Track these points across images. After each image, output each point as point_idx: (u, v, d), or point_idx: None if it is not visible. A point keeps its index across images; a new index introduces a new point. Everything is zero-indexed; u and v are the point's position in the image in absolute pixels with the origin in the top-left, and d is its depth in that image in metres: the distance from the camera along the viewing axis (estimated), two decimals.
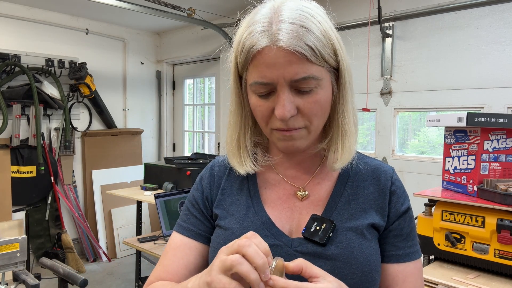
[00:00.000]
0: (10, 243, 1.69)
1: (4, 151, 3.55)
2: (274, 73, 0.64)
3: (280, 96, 0.65)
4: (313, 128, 0.70)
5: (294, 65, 0.63)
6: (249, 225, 0.74)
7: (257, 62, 0.65)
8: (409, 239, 0.76)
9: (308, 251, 0.70)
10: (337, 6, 3.28)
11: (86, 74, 3.89)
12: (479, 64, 2.57)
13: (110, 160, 4.36)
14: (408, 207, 0.78)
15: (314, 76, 0.65)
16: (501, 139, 1.41)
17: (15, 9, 3.64)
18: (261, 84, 0.66)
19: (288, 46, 0.62)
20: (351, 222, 0.73)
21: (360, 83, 3.14)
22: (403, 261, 0.75)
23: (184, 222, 0.82)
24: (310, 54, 0.64)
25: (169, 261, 0.79)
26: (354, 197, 0.76)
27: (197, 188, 0.84)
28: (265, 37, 0.64)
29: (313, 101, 0.67)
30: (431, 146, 3.02)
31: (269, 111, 0.68)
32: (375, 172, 0.79)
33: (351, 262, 0.69)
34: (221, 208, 0.79)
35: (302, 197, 0.77)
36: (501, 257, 1.25)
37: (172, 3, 3.35)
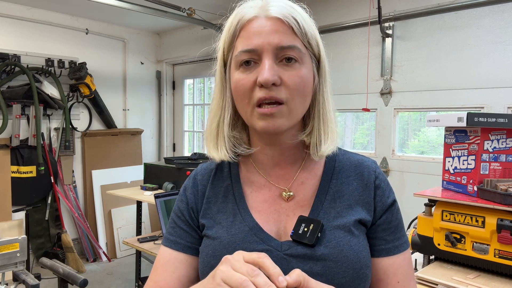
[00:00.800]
0: (10, 243, 1.69)
1: (4, 151, 3.55)
2: (260, 39, 0.67)
3: (264, 62, 0.67)
4: (294, 106, 0.69)
5: (280, 33, 0.67)
6: (236, 232, 0.73)
7: (244, 33, 0.69)
8: (397, 232, 0.77)
9: (298, 254, 0.70)
10: (337, 6, 3.28)
11: (86, 74, 3.89)
12: (479, 64, 2.57)
13: (110, 160, 4.36)
14: (393, 200, 0.78)
15: (298, 47, 0.68)
16: (501, 139, 1.41)
17: (15, 9, 3.64)
18: (247, 52, 0.68)
19: (276, 14, 0.67)
20: (338, 220, 0.73)
21: (360, 83, 3.14)
22: (393, 253, 0.75)
23: (171, 236, 0.80)
24: (296, 27, 0.68)
25: (160, 276, 0.77)
26: (339, 194, 0.76)
27: (182, 199, 0.82)
28: (254, 10, 0.69)
29: (296, 75, 0.68)
30: (431, 146, 3.02)
31: (252, 83, 0.68)
32: (358, 167, 0.79)
33: (342, 260, 0.69)
34: (208, 218, 0.78)
35: (288, 198, 0.76)
36: (501, 257, 1.25)
37: (172, 3, 3.35)
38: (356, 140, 3.46)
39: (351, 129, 3.48)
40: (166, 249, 0.79)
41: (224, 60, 0.75)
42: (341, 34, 3.26)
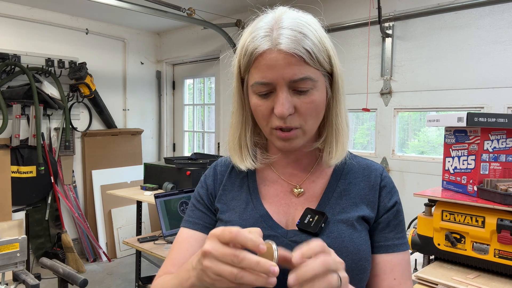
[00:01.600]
0: (10, 243, 1.69)
1: (4, 151, 3.55)
2: (274, 74, 0.70)
3: (279, 95, 0.71)
4: (308, 128, 0.75)
5: (292, 66, 0.70)
6: (248, 217, 0.80)
7: (259, 64, 0.71)
8: (397, 231, 0.81)
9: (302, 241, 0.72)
10: (337, 6, 3.28)
11: (86, 74, 3.89)
12: (479, 64, 2.57)
13: (110, 160, 4.36)
14: (396, 201, 0.84)
15: (310, 77, 0.71)
16: (501, 139, 1.41)
17: (15, 9, 3.64)
18: (262, 84, 0.72)
19: (287, 49, 0.69)
20: (342, 215, 0.78)
21: (360, 83, 3.14)
22: (391, 251, 0.79)
23: (190, 217, 0.87)
24: (307, 57, 0.70)
25: (175, 254, 0.83)
26: (346, 192, 0.81)
27: (202, 186, 0.90)
28: (267, 41, 0.70)
29: (309, 101, 0.72)
30: (431, 146, 3.02)
31: (269, 110, 0.73)
32: (366, 170, 0.85)
33: (342, 250, 0.73)
34: (222, 203, 0.85)
35: (298, 194, 0.82)
36: (501, 257, 1.25)
37: (172, 3, 3.35)
38: (356, 140, 3.46)
39: (351, 129, 3.48)
40: (185, 229, 0.85)
41: (241, 77, 0.78)
42: (341, 34, 3.26)
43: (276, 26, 0.71)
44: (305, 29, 0.72)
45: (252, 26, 0.75)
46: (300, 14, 0.76)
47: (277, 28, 0.71)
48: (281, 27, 0.71)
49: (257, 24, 0.74)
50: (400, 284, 0.78)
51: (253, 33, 0.73)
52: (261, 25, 0.73)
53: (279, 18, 0.73)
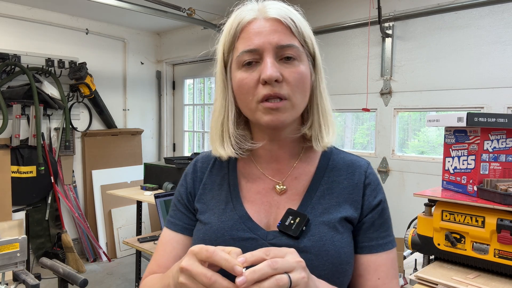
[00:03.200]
0: (10, 243, 1.69)
1: (4, 151, 3.55)
2: (261, 39, 0.71)
3: (266, 60, 0.71)
4: (296, 101, 0.74)
5: (279, 33, 0.72)
6: (227, 219, 0.78)
7: (245, 34, 0.73)
8: (382, 230, 0.79)
9: (281, 244, 0.72)
10: (337, 6, 3.28)
11: (86, 74, 3.89)
12: (479, 64, 2.57)
13: (110, 160, 4.36)
14: (381, 200, 0.80)
15: (296, 46, 0.73)
16: (501, 139, 1.41)
17: (15, 9, 3.64)
18: (248, 52, 0.72)
19: (275, 15, 0.72)
20: (325, 216, 0.76)
21: (360, 83, 3.14)
22: (375, 251, 0.77)
23: (172, 218, 0.87)
24: (294, 27, 0.73)
25: (160, 255, 0.84)
26: (329, 191, 0.79)
27: (182, 184, 0.88)
28: (253, 12, 0.74)
29: (296, 72, 0.73)
30: (431, 146, 3.02)
31: (255, 81, 0.72)
32: (350, 167, 0.82)
33: (322, 254, 0.72)
34: (202, 202, 0.83)
35: (281, 191, 0.80)
36: (501, 257, 1.25)
37: (172, 3, 3.35)
38: (356, 140, 3.46)
39: (351, 129, 3.48)
40: (167, 230, 0.86)
41: (224, 62, 0.78)
42: (341, 34, 3.26)
43: (261, 4, 0.75)
44: (290, 8, 0.76)
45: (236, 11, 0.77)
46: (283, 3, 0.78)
47: (263, 5, 0.74)
48: (266, 4, 0.75)
49: (241, 8, 0.77)
50: (385, 284, 0.77)
51: (238, 15, 0.75)
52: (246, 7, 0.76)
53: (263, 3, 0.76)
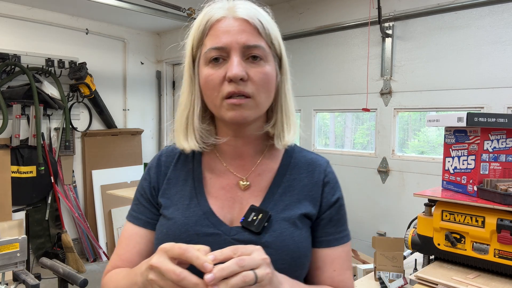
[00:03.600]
0: (10, 243, 1.69)
1: (4, 151, 3.55)
2: (228, 38, 0.73)
3: (233, 58, 0.73)
4: (259, 100, 0.76)
5: (247, 33, 0.73)
6: (191, 215, 0.79)
7: (214, 31, 0.75)
8: (338, 225, 0.84)
9: (244, 239, 0.76)
10: (337, 6, 3.28)
11: (86, 74, 3.89)
12: (479, 64, 2.57)
13: (110, 160, 4.36)
14: (338, 197, 0.85)
15: (263, 47, 0.75)
16: (501, 139, 1.41)
17: (15, 9, 3.64)
18: (216, 49, 0.74)
19: (243, 15, 0.73)
20: (286, 213, 0.80)
21: (360, 83, 3.14)
22: (332, 245, 0.83)
23: (134, 212, 0.87)
24: (261, 28, 0.74)
25: (123, 250, 0.85)
26: (290, 189, 0.83)
27: (145, 178, 0.89)
28: (222, 10, 0.75)
29: (262, 71, 0.75)
30: (431, 146, 3.02)
31: (221, 78, 0.74)
32: (310, 165, 0.86)
33: (282, 249, 0.76)
34: (166, 197, 0.84)
35: (244, 187, 0.83)
36: (501, 257, 1.25)
37: (172, 3, 3.35)
38: (356, 140, 3.46)
39: (351, 129, 3.49)
40: (129, 224, 0.87)
41: (192, 56, 0.81)
42: (341, 34, 3.26)
43: (231, 3, 0.76)
44: (259, 9, 0.77)
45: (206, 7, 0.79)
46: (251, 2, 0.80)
47: (233, 4, 0.76)
48: (235, 5, 0.76)
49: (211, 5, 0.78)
50: (340, 274, 0.82)
51: (208, 12, 0.77)
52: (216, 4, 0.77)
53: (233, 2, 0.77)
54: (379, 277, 1.50)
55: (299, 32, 3.51)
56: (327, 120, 3.63)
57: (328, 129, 3.64)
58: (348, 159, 3.26)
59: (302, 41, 3.53)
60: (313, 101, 3.48)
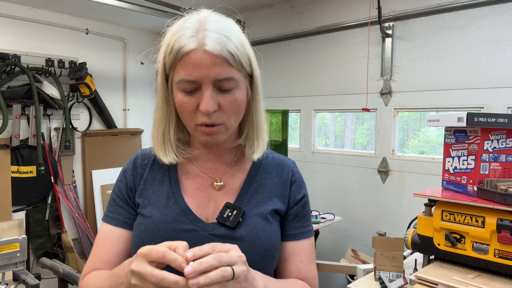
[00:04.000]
0: (10, 243, 1.69)
1: (4, 151, 3.55)
2: (200, 72, 0.74)
3: (204, 93, 0.75)
4: (230, 124, 0.81)
5: (217, 67, 0.74)
6: (169, 213, 0.83)
7: (185, 62, 0.75)
8: (304, 221, 0.92)
9: (220, 234, 0.81)
10: (337, 6, 3.28)
11: (86, 74, 3.89)
12: (479, 64, 2.57)
13: (110, 160, 4.36)
14: (304, 195, 0.93)
15: (234, 77, 0.77)
16: (501, 139, 1.41)
17: (15, 9, 3.64)
18: (187, 82, 0.76)
19: (213, 50, 0.73)
20: (258, 209, 0.86)
21: (360, 83, 3.14)
22: (298, 238, 0.90)
23: (111, 213, 0.89)
24: (231, 59, 0.75)
25: (100, 251, 0.86)
26: (261, 187, 0.89)
27: (121, 180, 0.92)
28: (193, 41, 0.74)
29: (232, 100, 0.78)
30: (431, 146, 3.02)
31: (194, 107, 0.77)
32: (279, 166, 0.94)
33: (255, 242, 0.82)
34: (143, 197, 0.88)
35: (218, 187, 0.88)
36: (501, 257, 1.25)
37: (172, 3, 3.35)
38: (356, 140, 3.46)
39: (351, 129, 3.49)
40: (106, 225, 0.89)
41: (165, 74, 0.82)
42: (341, 34, 3.26)
43: (201, 28, 0.75)
44: (229, 33, 0.76)
45: (177, 26, 0.78)
46: (223, 18, 0.80)
47: (203, 30, 0.74)
48: (206, 29, 0.74)
49: (182, 24, 0.77)
50: (306, 266, 0.89)
51: (179, 32, 0.76)
52: (187, 26, 0.76)
53: (204, 20, 0.76)
54: (379, 277, 1.50)
55: (299, 32, 3.52)
56: (327, 120, 3.63)
57: (328, 129, 3.64)
58: (348, 159, 3.26)
59: (302, 41, 3.53)
60: (313, 101, 3.48)
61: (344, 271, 2.85)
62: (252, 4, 3.73)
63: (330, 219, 2.87)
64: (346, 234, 3.27)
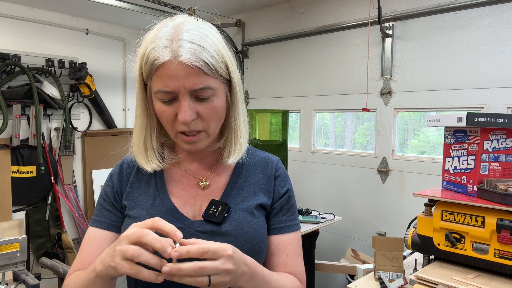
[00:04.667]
0: (10, 243, 1.69)
1: (4, 151, 3.55)
2: (175, 83, 0.75)
3: (182, 103, 0.76)
4: (211, 131, 0.82)
5: (193, 77, 0.74)
6: (155, 212, 0.85)
7: (160, 73, 0.76)
8: (289, 214, 0.93)
9: (207, 230, 0.83)
10: (337, 6, 3.28)
11: (86, 74, 3.89)
12: (479, 64, 2.57)
13: (110, 160, 4.35)
14: (288, 189, 0.95)
15: (210, 86, 0.77)
16: (501, 139, 1.41)
17: (15, 9, 3.64)
18: (164, 93, 0.77)
19: (187, 61, 0.73)
20: (243, 204, 0.87)
21: (360, 83, 3.14)
22: (284, 232, 0.91)
23: (97, 216, 0.91)
24: (206, 68, 0.75)
25: (85, 253, 0.87)
26: (246, 183, 0.91)
27: (108, 184, 0.94)
28: (167, 53, 0.74)
29: (210, 108, 0.79)
30: (431, 146, 3.03)
31: (173, 116, 0.79)
32: (264, 163, 0.96)
33: (242, 236, 0.83)
34: (130, 200, 0.89)
35: (204, 187, 0.90)
36: (501, 257, 1.25)
37: (172, 3, 3.35)
38: (356, 140, 3.46)
39: (351, 129, 3.49)
40: (92, 229, 0.90)
41: (143, 82, 0.85)
42: (341, 34, 3.26)
43: (176, 38, 0.74)
44: (203, 42, 0.75)
45: (152, 35, 0.78)
46: (200, 25, 0.79)
47: (177, 40, 0.74)
48: (180, 39, 0.74)
49: (157, 33, 0.77)
50: (292, 259, 0.90)
51: (153, 42, 0.76)
52: (161, 35, 0.76)
53: (178, 28, 0.76)
54: (379, 277, 1.50)
55: (299, 32, 3.52)
56: (327, 120, 3.63)
57: (328, 129, 3.64)
58: (348, 159, 3.26)
59: (302, 41, 3.53)
60: (313, 101, 3.48)
61: (344, 271, 2.86)
62: (252, 4, 3.73)
63: (330, 219, 2.87)
64: (346, 234, 3.27)
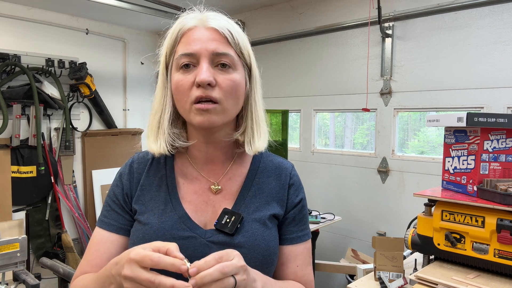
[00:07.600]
0: (10, 243, 1.69)
1: (4, 151, 3.55)
2: (198, 45, 0.77)
3: (202, 64, 0.77)
4: (227, 106, 0.79)
5: (216, 42, 0.78)
6: (167, 219, 0.82)
7: (185, 39, 0.79)
8: (301, 224, 0.91)
9: (219, 241, 0.81)
10: (337, 6, 3.28)
11: (86, 74, 3.89)
12: (479, 64, 2.57)
13: (110, 160, 4.36)
14: (301, 198, 0.92)
15: (231, 55, 0.79)
16: (501, 139, 1.41)
17: (15, 9, 3.64)
18: (186, 55, 0.78)
19: (214, 25, 0.78)
20: (256, 214, 0.85)
21: (360, 83, 3.14)
22: (295, 242, 0.89)
23: (106, 218, 0.88)
24: (231, 38, 0.79)
25: (92, 255, 0.86)
26: (259, 191, 0.88)
27: (117, 185, 0.90)
28: (195, 21, 0.80)
29: (230, 79, 0.78)
30: (431, 146, 3.03)
31: (190, 83, 0.78)
32: (277, 169, 0.93)
33: (254, 248, 0.81)
34: (140, 204, 0.86)
35: (216, 191, 0.87)
36: (501, 257, 1.25)
37: (172, 3, 3.35)
38: (356, 140, 3.47)
39: (351, 129, 3.49)
40: (100, 230, 0.87)
41: (166, 63, 0.85)
42: (341, 34, 3.26)
43: (204, 14, 0.82)
44: (229, 23, 0.82)
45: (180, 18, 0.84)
46: None
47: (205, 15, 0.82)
48: (209, 14, 0.82)
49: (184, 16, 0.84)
50: (302, 270, 0.89)
51: (182, 21, 0.82)
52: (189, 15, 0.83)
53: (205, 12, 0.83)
54: (379, 277, 1.50)
55: (299, 32, 3.52)
56: (327, 120, 3.63)
57: (328, 129, 3.64)
58: (348, 159, 3.26)
59: (302, 41, 3.53)
60: (313, 101, 3.48)
61: (344, 271, 2.86)
62: (252, 4, 3.73)
63: (330, 219, 2.87)
64: (346, 234, 3.27)
